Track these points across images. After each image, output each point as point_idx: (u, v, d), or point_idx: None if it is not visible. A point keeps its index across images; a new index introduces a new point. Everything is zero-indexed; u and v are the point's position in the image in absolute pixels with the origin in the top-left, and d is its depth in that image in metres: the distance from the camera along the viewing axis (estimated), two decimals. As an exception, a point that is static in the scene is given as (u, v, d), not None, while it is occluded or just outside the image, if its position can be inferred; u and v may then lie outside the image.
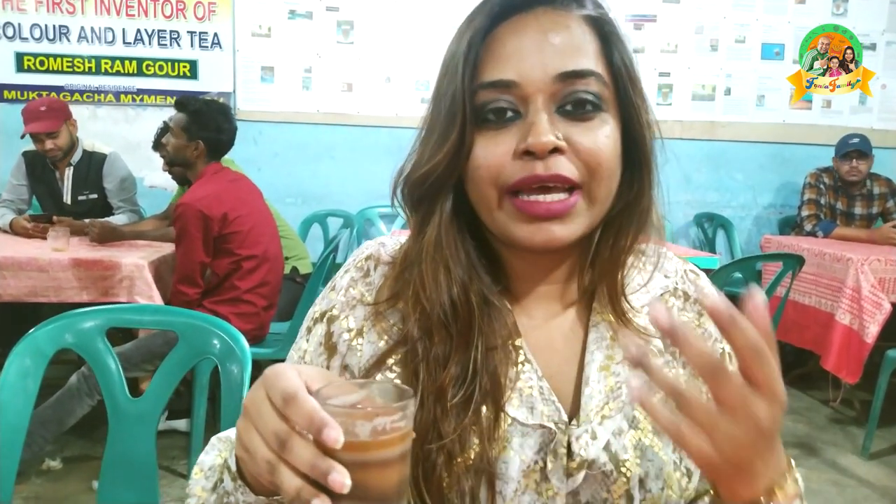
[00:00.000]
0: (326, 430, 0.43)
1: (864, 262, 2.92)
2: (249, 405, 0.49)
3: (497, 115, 0.61)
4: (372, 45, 4.07)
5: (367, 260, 0.72)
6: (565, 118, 0.61)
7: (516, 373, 0.65)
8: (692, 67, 4.24)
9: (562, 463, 0.64)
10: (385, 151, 4.08)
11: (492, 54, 0.62)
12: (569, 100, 0.61)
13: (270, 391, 0.47)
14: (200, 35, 4.00)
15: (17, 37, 3.91)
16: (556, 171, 0.59)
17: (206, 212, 2.44)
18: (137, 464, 1.19)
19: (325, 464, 0.43)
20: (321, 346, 0.70)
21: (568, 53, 0.61)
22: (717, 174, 4.35)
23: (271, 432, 0.46)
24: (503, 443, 0.64)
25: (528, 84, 0.60)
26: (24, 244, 2.73)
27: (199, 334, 1.21)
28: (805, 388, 3.61)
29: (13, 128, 3.18)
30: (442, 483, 0.62)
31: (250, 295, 2.60)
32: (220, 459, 0.63)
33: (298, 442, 0.45)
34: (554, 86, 0.60)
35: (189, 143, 2.61)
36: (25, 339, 1.16)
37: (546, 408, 0.65)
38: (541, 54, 0.60)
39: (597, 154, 0.60)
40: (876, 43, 4.29)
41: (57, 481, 2.42)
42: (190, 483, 0.65)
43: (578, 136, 0.60)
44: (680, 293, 0.74)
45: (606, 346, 0.68)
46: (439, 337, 0.64)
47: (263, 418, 0.47)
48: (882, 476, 2.73)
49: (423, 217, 0.67)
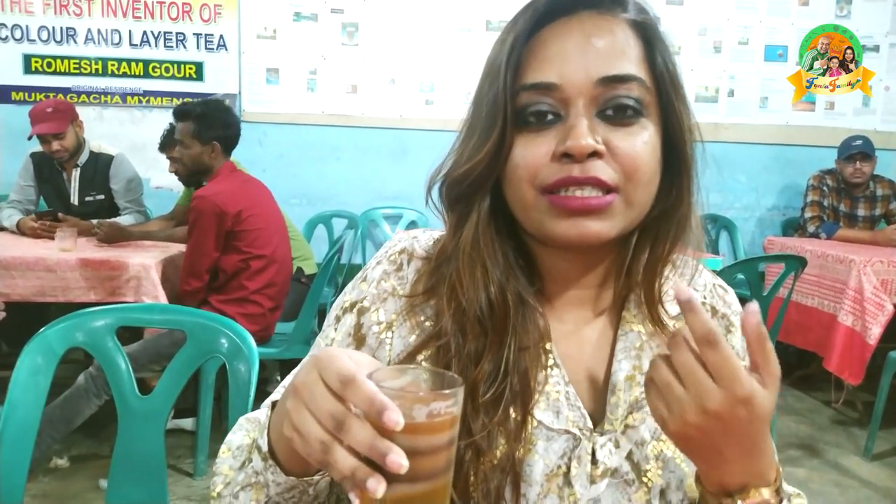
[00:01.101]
0: (387, 413, 0.43)
1: (867, 264, 2.92)
2: (301, 387, 0.49)
3: (538, 118, 0.61)
4: (377, 47, 4.08)
5: (400, 254, 0.71)
6: (605, 122, 0.61)
7: (545, 376, 0.66)
8: (695, 69, 4.24)
9: (585, 469, 0.65)
10: (389, 153, 4.09)
11: (534, 57, 0.62)
12: (610, 104, 0.61)
13: (325, 373, 0.47)
14: (206, 37, 4.02)
15: (24, 39, 3.94)
16: (593, 174, 0.59)
17: (222, 207, 2.47)
18: (146, 461, 1.21)
19: (383, 445, 0.44)
20: (350, 336, 0.70)
21: (611, 58, 0.60)
22: (721, 176, 4.35)
23: (327, 413, 0.46)
24: (528, 445, 0.64)
25: (569, 87, 0.60)
26: (31, 244, 2.75)
27: (208, 333, 1.22)
28: (807, 389, 3.61)
29: (21, 129, 3.21)
30: (468, 480, 0.62)
31: (257, 296, 2.61)
32: (249, 439, 0.64)
33: (356, 423, 0.45)
34: (595, 90, 0.60)
35: (204, 147, 2.62)
36: (37, 338, 1.17)
37: (571, 413, 0.66)
38: (583, 58, 0.60)
39: (634, 159, 0.60)
40: (879, 45, 4.30)
41: (64, 479, 2.44)
42: (216, 462, 0.66)
43: (618, 140, 0.60)
44: (708, 307, 0.75)
45: (634, 356, 0.69)
46: (473, 334, 0.64)
47: (318, 400, 0.47)
48: (884, 477, 2.73)
49: (459, 216, 0.67)
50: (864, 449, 2.92)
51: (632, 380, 0.68)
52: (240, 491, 0.61)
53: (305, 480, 0.57)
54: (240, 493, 0.61)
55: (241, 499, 0.61)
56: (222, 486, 0.64)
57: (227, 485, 0.63)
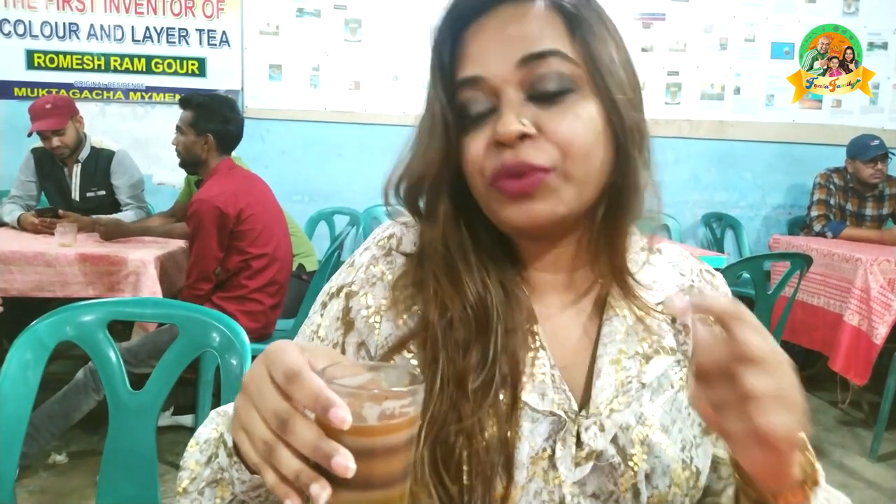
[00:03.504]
0: (333, 410, 0.40)
1: (874, 263, 2.89)
2: (249, 382, 0.46)
3: (476, 113, 0.63)
4: (380, 44, 4.07)
5: (389, 239, 0.72)
6: (536, 104, 0.62)
7: (532, 358, 0.66)
8: (701, 66, 4.21)
9: (570, 452, 0.64)
10: (392, 150, 3.97)
11: (460, 56, 0.64)
12: (536, 84, 0.62)
13: (272, 368, 0.45)
14: (209, 33, 4.01)
15: (27, 34, 3.93)
16: (522, 159, 0.60)
17: (222, 208, 2.45)
18: (138, 456, 1.19)
19: (328, 446, 0.41)
20: (338, 320, 0.69)
21: (527, 39, 0.61)
22: (726, 174, 4.32)
23: (271, 411, 0.44)
24: (515, 427, 0.64)
25: (492, 77, 0.62)
26: (30, 239, 2.74)
27: (199, 327, 1.21)
28: (813, 389, 3.58)
29: (23, 125, 3.20)
30: (461, 467, 0.61)
31: (258, 294, 2.60)
32: (217, 433, 0.62)
33: (301, 422, 0.42)
34: (518, 73, 0.61)
35: (198, 138, 2.62)
36: (27, 332, 1.16)
37: (557, 396, 0.65)
38: (501, 45, 0.62)
39: (567, 136, 0.61)
40: (888, 42, 4.25)
41: (63, 475, 2.44)
42: (184, 456, 0.64)
43: (548, 119, 0.61)
44: (696, 291, 0.74)
45: (620, 340, 0.68)
46: (459, 324, 0.64)
47: (264, 396, 0.44)
48: (890, 478, 2.71)
49: (426, 216, 0.68)
50: (869, 450, 2.89)
51: (617, 363, 0.67)
52: (205, 487, 0.60)
53: None
54: (205, 489, 0.60)
55: (207, 495, 0.60)
56: (188, 481, 0.62)
57: (193, 480, 0.62)
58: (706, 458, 0.70)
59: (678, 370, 0.70)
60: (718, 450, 0.72)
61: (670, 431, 0.67)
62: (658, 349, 0.70)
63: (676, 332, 0.71)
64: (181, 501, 0.62)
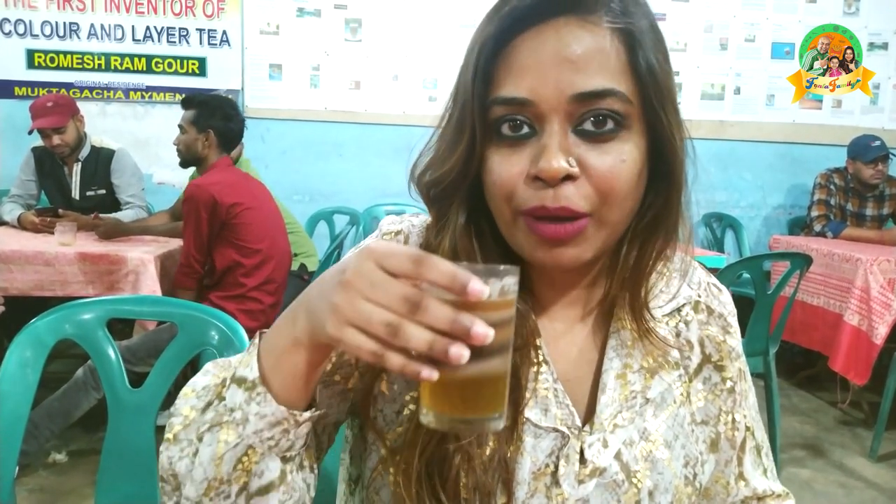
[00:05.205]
0: (472, 283, 0.42)
1: (874, 263, 2.88)
2: (356, 278, 0.46)
3: (513, 130, 0.59)
4: (380, 43, 4.07)
5: (396, 234, 0.71)
6: (582, 138, 0.58)
7: (534, 374, 0.65)
8: (701, 66, 4.21)
9: (574, 468, 0.63)
10: (392, 149, 4.08)
11: (507, 67, 0.58)
12: (586, 118, 0.57)
13: (389, 259, 0.45)
14: (209, 32, 4.01)
15: (27, 33, 3.94)
16: (564, 204, 0.57)
17: (217, 197, 2.45)
18: (137, 454, 1.19)
19: (467, 318, 0.43)
20: None
21: (587, 71, 0.57)
22: (726, 174, 4.32)
23: (399, 297, 0.44)
24: (517, 443, 0.63)
25: (542, 103, 0.57)
26: (30, 238, 2.74)
27: (198, 325, 1.21)
28: (813, 389, 3.58)
29: (23, 124, 3.20)
30: (459, 483, 0.60)
31: (257, 292, 2.60)
32: (218, 380, 0.59)
33: (434, 301, 0.44)
34: (570, 106, 0.57)
35: (199, 135, 2.64)
36: (26, 330, 1.16)
37: (560, 411, 0.64)
38: (558, 71, 0.56)
39: (610, 180, 0.58)
40: (888, 42, 4.25)
41: (62, 474, 2.43)
42: (175, 405, 0.60)
43: (593, 159, 0.58)
44: (703, 307, 0.74)
45: (626, 354, 0.68)
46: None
47: (382, 286, 0.45)
48: (890, 478, 2.70)
49: (438, 216, 0.66)
50: (869, 450, 2.89)
51: (622, 378, 0.67)
52: (205, 432, 0.55)
53: (294, 415, 0.53)
54: (205, 433, 0.55)
55: (206, 440, 0.55)
56: (180, 426, 0.58)
57: (187, 426, 0.57)
58: (711, 474, 0.70)
59: (679, 385, 0.69)
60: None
61: (673, 447, 0.67)
62: (663, 363, 0.69)
63: (681, 346, 0.71)
64: (168, 450, 0.58)
